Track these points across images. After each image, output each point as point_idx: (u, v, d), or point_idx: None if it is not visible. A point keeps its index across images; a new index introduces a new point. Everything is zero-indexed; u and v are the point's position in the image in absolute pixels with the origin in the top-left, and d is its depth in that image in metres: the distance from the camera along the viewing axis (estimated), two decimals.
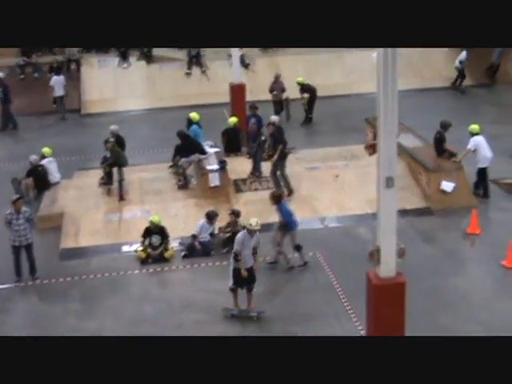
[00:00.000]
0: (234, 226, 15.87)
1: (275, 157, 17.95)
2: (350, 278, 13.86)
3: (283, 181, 18.13)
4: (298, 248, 14.99)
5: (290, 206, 15.63)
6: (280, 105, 24.83)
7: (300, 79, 24.78)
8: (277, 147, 18.03)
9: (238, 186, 18.63)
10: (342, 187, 18.47)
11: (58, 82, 26.35)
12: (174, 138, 19.08)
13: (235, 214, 16.07)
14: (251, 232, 13.20)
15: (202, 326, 12.92)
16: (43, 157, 19.43)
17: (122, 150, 19.21)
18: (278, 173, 18.11)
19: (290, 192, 17.99)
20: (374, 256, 10.85)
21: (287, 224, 14.95)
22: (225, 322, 13.09)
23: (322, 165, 19.61)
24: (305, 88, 24.65)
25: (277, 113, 23.54)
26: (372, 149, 18.96)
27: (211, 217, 15.91)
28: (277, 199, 15.08)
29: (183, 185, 18.59)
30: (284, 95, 24.95)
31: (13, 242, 14.61)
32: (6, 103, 25.24)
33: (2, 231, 14.76)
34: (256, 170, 19.03)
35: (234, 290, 13.41)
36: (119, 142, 19.32)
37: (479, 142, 17.74)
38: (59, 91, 26.42)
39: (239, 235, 13.42)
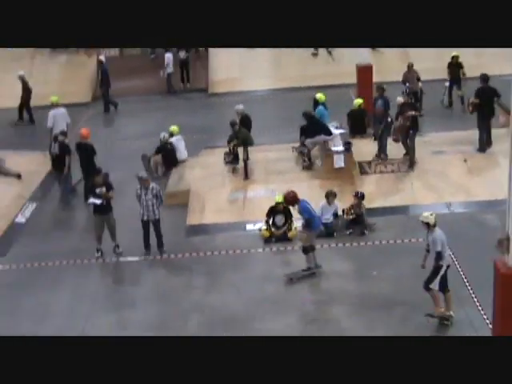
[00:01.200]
0: (357, 209, 15.82)
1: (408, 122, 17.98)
2: (474, 265, 13.51)
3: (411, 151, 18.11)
4: (305, 250, 14.11)
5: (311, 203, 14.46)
6: (415, 95, 23.15)
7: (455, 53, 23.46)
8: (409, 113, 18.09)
9: (363, 168, 18.49)
10: (470, 172, 18.00)
11: (168, 59, 26.86)
12: (299, 119, 19.12)
13: (359, 196, 15.99)
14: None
15: (323, 308, 12.97)
16: (171, 135, 19.94)
17: (249, 129, 19.44)
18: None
19: (412, 164, 17.93)
20: (504, 244, 10.53)
21: (309, 222, 14.07)
22: (345, 303, 13.07)
23: (449, 149, 19.15)
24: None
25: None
26: (472, 107, 18.87)
27: (329, 196, 15.87)
28: (291, 200, 14.19)
29: (308, 165, 18.63)
30: (419, 84, 23.54)
31: (142, 217, 15.10)
32: (103, 86, 25.86)
33: (134, 206, 15.22)
34: (382, 153, 18.82)
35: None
36: (245, 121, 19.57)
37: None
38: (169, 68, 26.97)
39: (439, 233, 12.12)
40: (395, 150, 18.48)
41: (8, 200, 18.40)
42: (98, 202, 15.17)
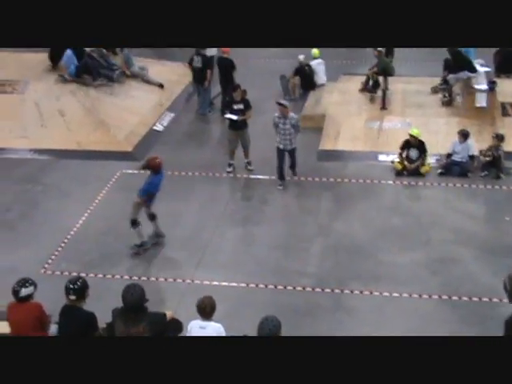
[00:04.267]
0: (495, 150, 15.35)
1: None
2: None
3: None
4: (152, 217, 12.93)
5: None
6: None
7: None
8: None
9: (506, 109, 17.80)
10: None
11: None
12: (443, 52, 18.51)
13: (499, 137, 15.49)
14: None
15: (449, 246, 12.80)
16: (314, 58, 19.82)
17: (391, 59, 19.06)
18: None
19: None
20: None
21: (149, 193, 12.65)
22: (473, 245, 12.81)
23: None
24: None
25: None
26: None
27: (462, 135, 15.46)
28: (153, 166, 12.46)
29: (448, 101, 18.12)
30: None
31: (278, 144, 14.95)
32: None
33: (269, 125, 15.29)
34: None
35: None
36: (389, 50, 19.18)
37: None
38: None
39: None
40: None
41: (148, 107, 18.94)
42: (235, 117, 15.37)
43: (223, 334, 8.15)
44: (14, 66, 19.69)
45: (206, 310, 8.17)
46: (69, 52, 18.69)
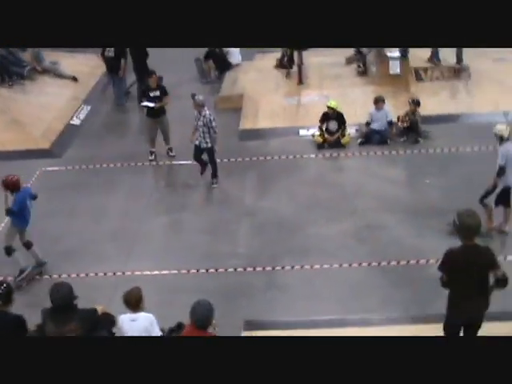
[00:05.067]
0: (413, 116, 15.61)
1: None
2: None
3: None
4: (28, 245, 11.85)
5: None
6: None
7: None
8: None
9: (419, 74, 18.11)
10: None
11: None
12: None
13: (415, 103, 15.75)
14: None
15: (374, 213, 12.99)
16: None
17: None
18: None
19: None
20: None
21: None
22: (397, 210, 13.06)
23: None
24: None
25: None
26: None
27: (378, 102, 15.68)
28: (11, 185, 11.26)
29: (362, 71, 18.35)
30: None
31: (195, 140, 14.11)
32: None
33: (188, 110, 15.14)
34: (434, 57, 18.32)
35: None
36: None
37: None
38: None
39: (508, 148, 11.23)
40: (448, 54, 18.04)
41: (63, 102, 18.59)
42: (152, 105, 15.21)
43: (155, 324, 8.09)
44: None
45: (132, 302, 8.09)
46: None
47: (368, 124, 15.71)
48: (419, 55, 18.57)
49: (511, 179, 11.42)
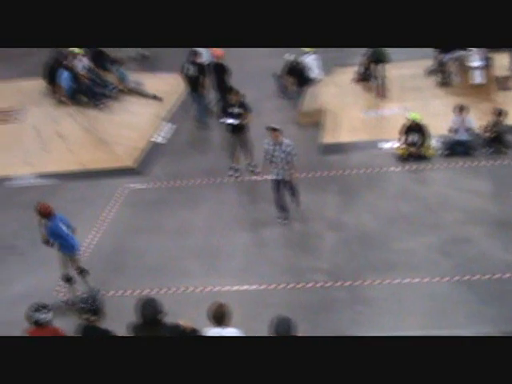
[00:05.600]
0: (498, 126, 15.29)
1: None
2: None
3: None
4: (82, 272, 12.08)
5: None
6: None
7: None
8: None
9: (502, 83, 17.72)
10: None
11: None
12: None
13: (500, 113, 15.42)
14: None
15: (459, 226, 12.76)
16: (305, 53, 19.76)
17: None
18: None
19: None
20: None
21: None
22: (484, 223, 12.77)
23: None
24: None
25: None
26: None
27: (459, 109, 15.39)
28: (43, 212, 11.52)
29: (444, 82, 18.08)
30: None
31: (272, 175, 13.35)
32: None
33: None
34: None
35: None
36: None
37: None
38: None
39: None
40: None
41: (147, 121, 18.97)
42: (233, 121, 15.35)
43: None
44: (13, 95, 19.78)
45: (218, 316, 8.15)
46: (65, 73, 18.72)
47: (452, 131, 15.42)
48: (501, 64, 18.21)
49: None
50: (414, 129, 15.52)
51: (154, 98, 20.00)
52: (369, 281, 11.52)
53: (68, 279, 11.83)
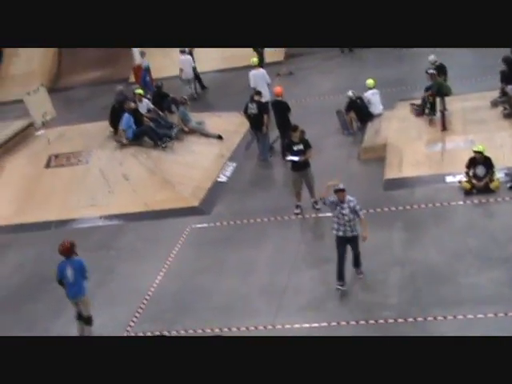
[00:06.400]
0: None
1: None
2: None
3: None
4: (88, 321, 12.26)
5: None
6: None
7: None
8: None
9: None
10: None
11: None
12: (499, 65, 18.29)
13: None
14: None
15: None
16: (369, 88, 19.84)
17: (444, 79, 18.93)
18: None
19: None
20: None
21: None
22: None
23: None
24: None
25: None
26: None
27: None
28: (65, 252, 12.06)
29: (509, 113, 17.82)
30: None
31: (336, 232, 12.79)
32: None
33: (332, 161, 15.23)
34: None
35: None
36: (441, 70, 19.09)
37: None
38: None
39: None
40: None
41: (210, 160, 19.19)
42: (296, 158, 15.42)
43: None
44: (78, 138, 20.30)
45: None
46: (126, 116, 19.11)
47: None
48: None
49: None
50: (480, 161, 15.32)
51: (219, 137, 20.23)
52: (437, 316, 11.33)
53: (88, 322, 12.18)
